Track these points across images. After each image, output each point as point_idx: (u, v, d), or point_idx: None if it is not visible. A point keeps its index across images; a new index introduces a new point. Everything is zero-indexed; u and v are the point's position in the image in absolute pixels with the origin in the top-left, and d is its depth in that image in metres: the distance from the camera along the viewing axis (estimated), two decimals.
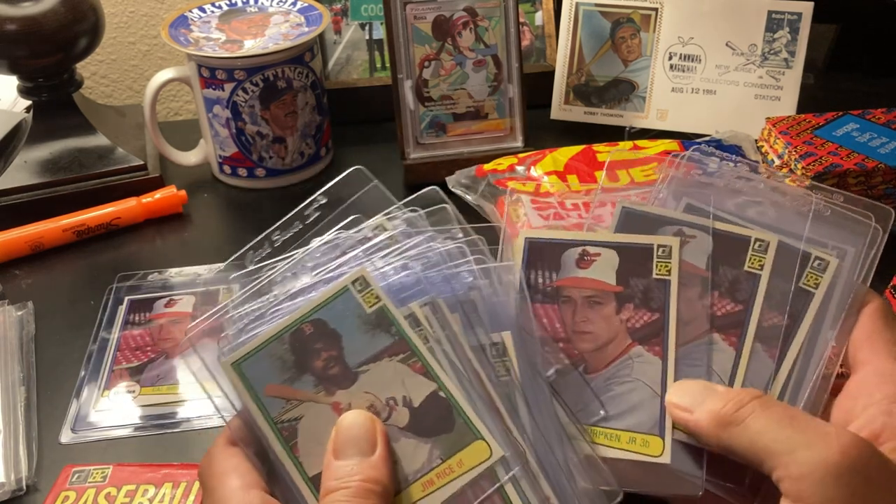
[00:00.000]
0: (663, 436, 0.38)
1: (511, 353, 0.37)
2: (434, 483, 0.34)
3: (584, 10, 0.84)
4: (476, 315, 0.38)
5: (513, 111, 0.79)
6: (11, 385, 0.58)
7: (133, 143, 0.81)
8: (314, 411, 0.36)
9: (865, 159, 0.67)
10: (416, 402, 0.36)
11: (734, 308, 0.40)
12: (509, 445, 0.35)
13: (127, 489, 0.49)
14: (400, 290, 0.37)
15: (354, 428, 0.34)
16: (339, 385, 0.36)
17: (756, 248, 0.41)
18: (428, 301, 0.37)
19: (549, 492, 0.35)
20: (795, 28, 0.80)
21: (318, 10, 0.79)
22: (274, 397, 0.36)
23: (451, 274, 0.38)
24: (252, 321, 0.38)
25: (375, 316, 0.36)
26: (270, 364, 0.36)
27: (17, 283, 0.69)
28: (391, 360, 0.36)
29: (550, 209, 0.61)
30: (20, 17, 0.71)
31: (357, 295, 0.37)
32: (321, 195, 0.43)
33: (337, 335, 0.36)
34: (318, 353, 0.36)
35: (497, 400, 0.36)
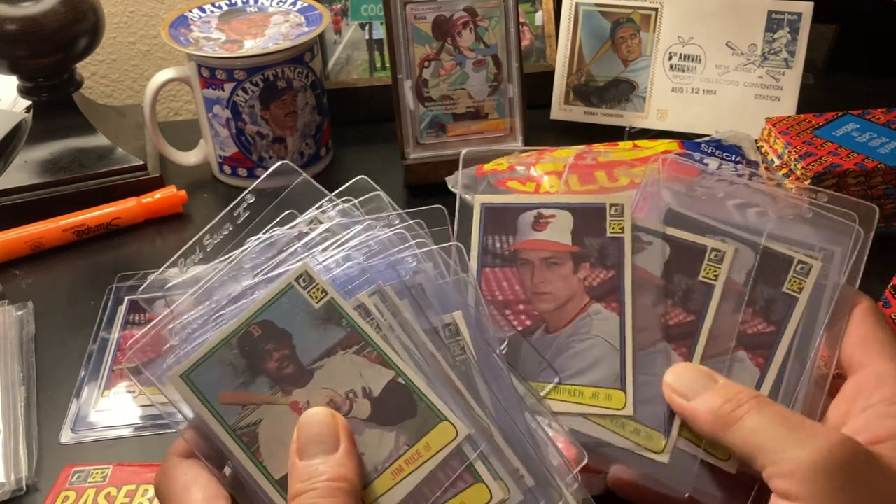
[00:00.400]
0: (625, 389, 0.38)
1: (464, 332, 0.37)
2: (404, 470, 0.34)
3: (584, 10, 0.84)
4: (425, 298, 0.37)
5: (513, 111, 0.79)
6: (11, 385, 0.58)
7: (133, 143, 0.81)
8: (273, 413, 0.35)
9: (865, 159, 0.67)
10: (376, 391, 0.35)
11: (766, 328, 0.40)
12: (474, 423, 0.35)
13: (127, 489, 0.49)
14: (345, 282, 0.37)
15: (315, 426, 0.34)
16: (295, 384, 0.36)
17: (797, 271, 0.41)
18: (375, 289, 0.37)
19: (517, 463, 0.35)
20: (795, 28, 0.80)
21: (318, 10, 0.79)
22: (229, 404, 0.35)
23: (395, 260, 0.38)
24: (196, 329, 0.37)
25: (324, 310, 0.36)
26: (221, 371, 0.35)
27: (17, 283, 0.69)
28: (346, 353, 0.36)
29: None
30: (20, 17, 0.71)
31: (303, 291, 0.36)
32: (249, 194, 0.42)
33: (287, 334, 0.36)
34: (270, 353, 0.36)
35: (456, 380, 0.36)
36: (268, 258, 0.39)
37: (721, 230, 0.42)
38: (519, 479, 0.35)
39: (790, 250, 0.41)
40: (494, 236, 0.43)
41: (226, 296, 0.38)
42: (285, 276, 0.36)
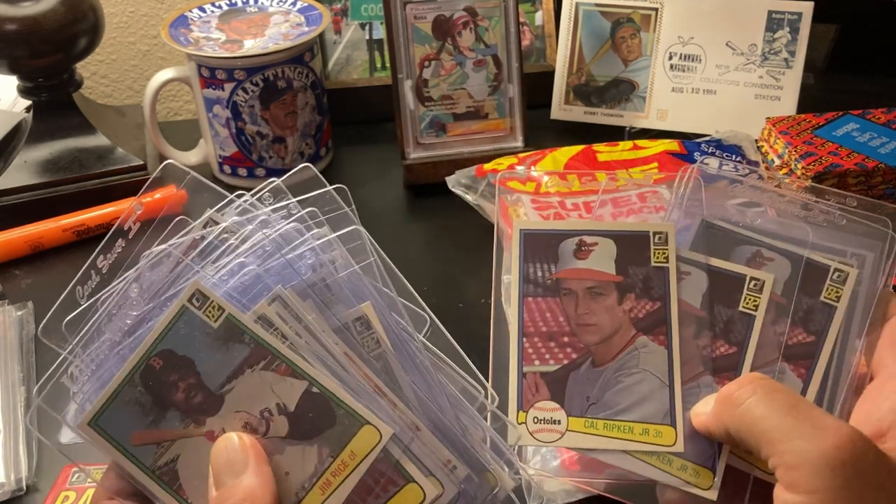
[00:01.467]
0: (675, 425, 0.38)
1: (376, 323, 0.35)
2: (332, 482, 0.33)
3: (584, 9, 0.84)
4: (329, 295, 0.35)
5: (513, 111, 0.79)
6: (11, 385, 0.58)
7: (133, 143, 0.81)
8: (190, 447, 0.33)
9: (865, 159, 0.67)
10: (291, 405, 0.33)
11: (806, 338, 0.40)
12: (397, 420, 0.33)
13: None
14: (243, 293, 0.34)
15: (224, 452, 0.33)
16: (206, 412, 0.34)
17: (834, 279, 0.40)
18: (274, 296, 0.34)
19: (448, 453, 0.34)
20: (795, 28, 0.80)
21: (318, 9, 0.79)
22: (143, 444, 0.33)
23: (292, 258, 0.35)
24: (97, 368, 0.35)
25: (224, 329, 0.33)
26: (129, 411, 0.34)
27: (17, 283, 0.69)
28: (254, 371, 0.33)
29: (550, 209, 0.61)
30: (20, 17, 0.71)
31: (198, 312, 0.33)
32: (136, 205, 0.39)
33: (189, 361, 0.34)
34: (176, 385, 0.34)
35: (374, 377, 0.34)
36: (163, 275, 0.36)
37: (757, 241, 0.41)
38: (452, 470, 0.33)
39: (826, 258, 0.40)
40: (535, 264, 0.42)
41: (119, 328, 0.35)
42: (178, 300, 0.33)
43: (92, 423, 0.34)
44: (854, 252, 0.41)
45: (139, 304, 0.35)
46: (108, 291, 0.36)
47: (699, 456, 0.37)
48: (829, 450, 0.31)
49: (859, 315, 0.39)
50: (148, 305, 0.35)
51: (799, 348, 0.39)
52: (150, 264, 0.36)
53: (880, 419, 0.34)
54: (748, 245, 0.41)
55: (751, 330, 0.39)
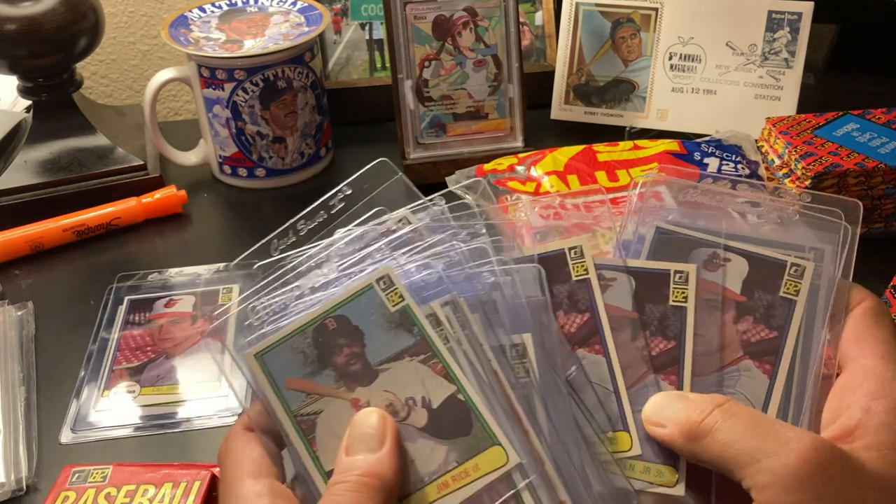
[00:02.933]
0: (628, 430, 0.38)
1: (531, 354, 0.37)
2: (449, 485, 0.34)
3: (584, 9, 0.84)
4: (496, 315, 0.37)
5: (513, 111, 0.79)
6: (11, 385, 0.58)
7: (133, 143, 0.81)
8: (333, 407, 0.36)
9: (865, 159, 0.67)
10: (435, 403, 0.35)
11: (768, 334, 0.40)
12: (526, 451, 0.35)
13: (127, 489, 0.49)
14: (422, 289, 0.37)
15: (365, 425, 0.35)
16: (359, 382, 0.36)
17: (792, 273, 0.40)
18: (449, 300, 0.37)
19: (565, 497, 0.34)
20: (795, 28, 0.80)
21: (318, 10, 0.79)
22: (294, 390, 0.36)
23: (473, 273, 0.38)
24: (275, 312, 0.38)
25: (399, 315, 0.36)
26: (292, 357, 0.36)
27: (17, 283, 0.69)
28: (412, 360, 0.36)
29: (550, 209, 0.61)
30: (20, 17, 0.71)
31: (381, 293, 0.36)
32: (346, 186, 0.43)
33: (360, 332, 0.36)
34: (341, 348, 0.36)
35: (516, 402, 0.36)
36: (353, 251, 0.39)
37: (713, 243, 0.41)
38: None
39: (782, 254, 0.41)
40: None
41: (308, 284, 0.38)
42: (367, 276, 0.37)
43: (258, 356, 0.36)
44: (812, 247, 0.41)
45: (328, 270, 0.38)
46: (304, 250, 0.40)
47: (659, 455, 0.38)
48: (795, 464, 0.31)
49: (821, 308, 0.39)
50: (337, 273, 0.38)
51: (763, 345, 0.39)
52: (346, 239, 0.39)
53: (848, 417, 0.34)
54: (704, 248, 0.42)
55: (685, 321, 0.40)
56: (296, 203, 0.43)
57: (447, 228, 0.39)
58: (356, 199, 0.43)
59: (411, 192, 0.43)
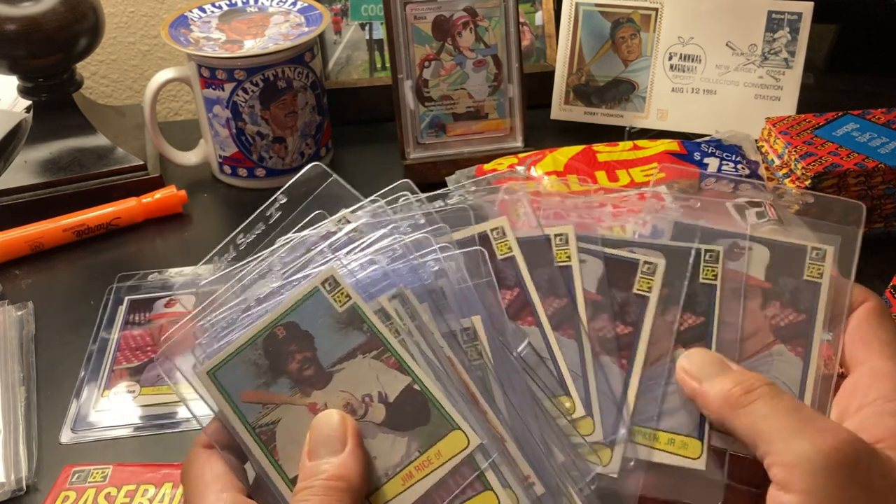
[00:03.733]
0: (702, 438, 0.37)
1: (482, 336, 0.37)
2: (413, 476, 0.35)
3: (584, 10, 0.84)
4: (444, 302, 0.38)
5: (513, 111, 0.79)
6: (11, 385, 0.58)
7: (133, 143, 0.81)
8: (291, 413, 0.36)
9: (865, 159, 0.67)
10: (392, 396, 0.36)
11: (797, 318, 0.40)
12: (486, 432, 0.35)
13: (127, 489, 0.49)
14: (369, 286, 0.37)
15: (325, 427, 0.35)
16: (314, 386, 0.36)
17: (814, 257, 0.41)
18: (396, 293, 0.37)
19: (528, 470, 0.35)
20: (795, 28, 0.80)
21: (318, 10, 0.79)
22: (250, 403, 0.36)
23: (418, 264, 0.38)
24: (224, 328, 0.38)
25: (347, 314, 0.36)
26: (245, 370, 0.36)
27: (17, 283, 0.69)
28: (365, 358, 0.36)
29: (550, 209, 0.61)
30: (20, 17, 0.71)
31: (328, 295, 0.37)
32: (282, 194, 0.43)
33: (310, 336, 0.36)
34: (293, 355, 0.36)
35: (472, 385, 0.36)
36: (295, 258, 0.39)
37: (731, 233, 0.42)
38: (529, 486, 0.35)
39: (802, 240, 0.41)
40: None
41: (254, 296, 0.38)
42: (312, 280, 0.37)
43: (210, 373, 0.36)
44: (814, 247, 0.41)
45: (272, 280, 0.39)
46: (245, 263, 0.40)
47: (685, 427, 0.37)
48: (827, 450, 0.31)
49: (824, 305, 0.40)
50: (281, 281, 0.38)
51: (792, 328, 0.39)
52: (287, 247, 0.40)
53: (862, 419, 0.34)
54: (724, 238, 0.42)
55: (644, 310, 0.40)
56: (296, 203, 0.43)
57: (387, 223, 0.40)
58: (293, 207, 0.43)
59: (349, 193, 0.43)
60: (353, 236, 0.39)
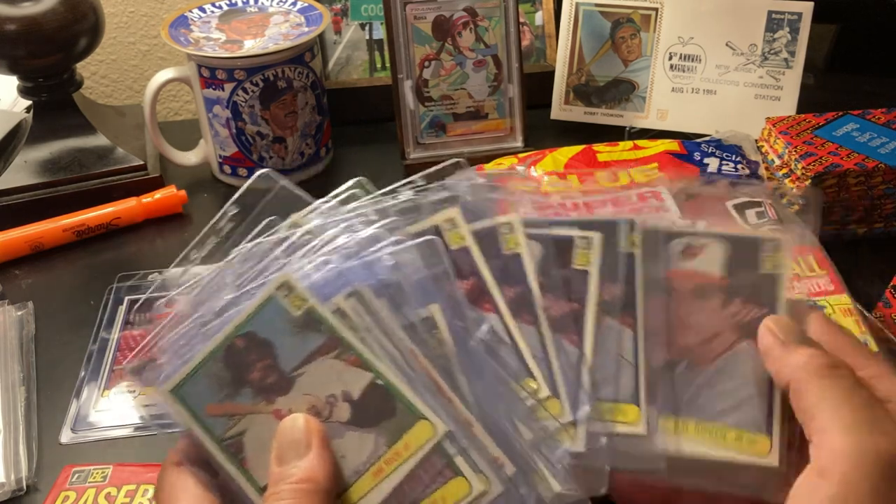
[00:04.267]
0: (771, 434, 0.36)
1: (441, 324, 0.37)
2: (384, 470, 0.35)
3: (584, 10, 0.84)
4: (402, 295, 0.37)
5: (513, 111, 0.79)
6: (11, 385, 0.58)
7: (133, 143, 0.81)
8: (257, 422, 0.36)
9: (865, 159, 0.67)
10: (356, 394, 0.36)
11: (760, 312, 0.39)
12: (452, 418, 0.35)
13: (127, 489, 0.49)
14: (324, 287, 0.37)
15: (290, 432, 0.35)
16: (277, 392, 0.36)
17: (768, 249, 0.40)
18: (352, 291, 0.37)
19: (497, 452, 0.35)
20: (795, 28, 0.80)
21: (318, 10, 0.79)
22: (216, 416, 0.36)
23: (373, 259, 0.38)
24: (183, 345, 0.38)
25: (304, 318, 0.36)
26: (208, 384, 0.36)
27: (17, 283, 0.69)
28: (325, 359, 0.36)
29: (550, 209, 0.61)
30: (20, 17, 0.71)
31: (283, 300, 0.36)
32: (231, 205, 0.43)
33: (269, 343, 0.36)
34: (254, 364, 0.36)
35: (435, 374, 0.36)
36: (250, 267, 0.39)
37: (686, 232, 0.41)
38: (499, 468, 0.35)
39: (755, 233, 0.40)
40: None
41: (211, 310, 0.38)
42: (266, 288, 0.37)
43: (174, 391, 0.36)
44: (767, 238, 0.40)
45: (230, 291, 0.38)
46: (200, 278, 0.40)
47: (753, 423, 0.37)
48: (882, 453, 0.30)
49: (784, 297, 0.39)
50: (237, 292, 0.38)
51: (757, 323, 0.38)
52: (241, 258, 0.40)
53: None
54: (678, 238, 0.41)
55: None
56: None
57: (340, 222, 0.39)
58: (244, 217, 0.43)
59: (299, 197, 0.43)
60: (306, 239, 0.39)
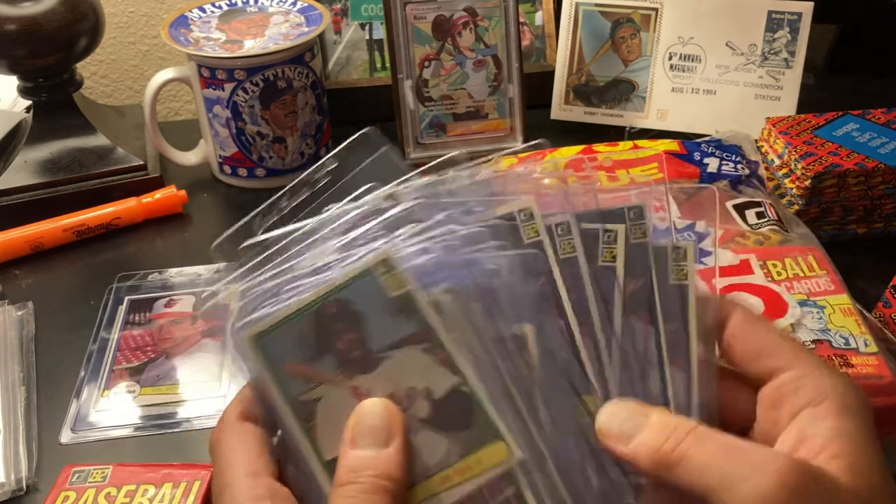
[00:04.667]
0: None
1: (532, 346, 0.35)
2: (451, 479, 0.33)
3: (584, 9, 0.84)
4: (498, 305, 0.35)
5: (513, 111, 0.79)
6: (11, 385, 0.58)
7: (133, 143, 0.81)
8: (333, 394, 0.34)
9: (865, 159, 0.67)
10: (437, 394, 0.34)
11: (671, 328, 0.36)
12: (529, 447, 0.34)
13: (127, 489, 0.49)
14: (423, 275, 0.35)
15: (373, 417, 0.33)
16: (360, 369, 0.34)
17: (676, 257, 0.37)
18: (450, 288, 0.35)
19: (565, 495, 0.34)
20: (795, 28, 0.80)
21: (318, 10, 0.79)
22: (293, 375, 0.34)
23: (473, 259, 0.35)
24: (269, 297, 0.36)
25: (400, 301, 0.34)
26: (292, 341, 0.34)
27: (17, 283, 0.69)
28: (414, 349, 0.34)
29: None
30: (20, 17, 0.71)
31: (381, 278, 0.34)
32: (331, 159, 0.41)
33: (360, 317, 0.34)
34: (341, 334, 0.34)
35: (517, 397, 0.34)
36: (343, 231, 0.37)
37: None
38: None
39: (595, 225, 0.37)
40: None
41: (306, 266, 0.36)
42: (365, 261, 0.35)
43: (255, 340, 0.34)
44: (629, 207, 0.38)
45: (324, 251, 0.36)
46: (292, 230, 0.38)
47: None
48: (771, 487, 0.30)
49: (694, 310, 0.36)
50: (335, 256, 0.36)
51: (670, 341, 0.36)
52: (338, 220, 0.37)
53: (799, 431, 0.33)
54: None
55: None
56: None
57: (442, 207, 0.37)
58: (342, 174, 0.40)
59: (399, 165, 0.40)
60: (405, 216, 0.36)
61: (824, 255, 0.59)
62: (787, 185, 0.69)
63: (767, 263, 0.57)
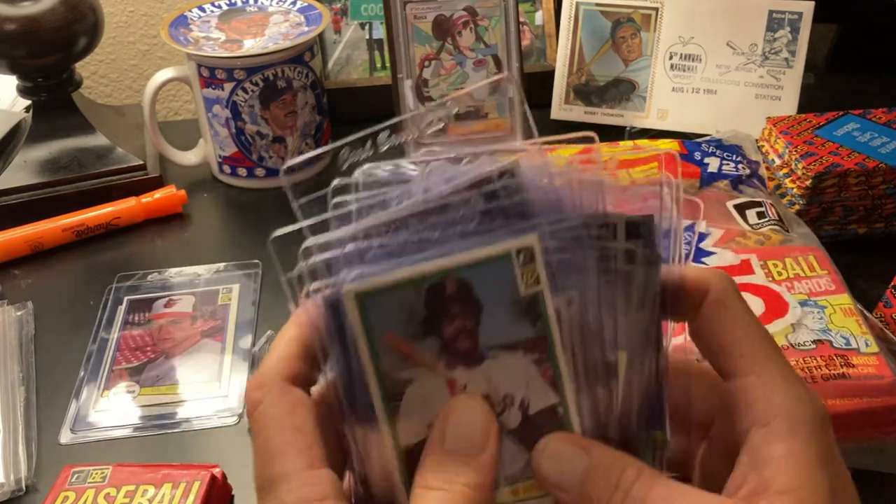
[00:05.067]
0: None
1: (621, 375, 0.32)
2: (519, 494, 0.31)
3: (584, 9, 0.84)
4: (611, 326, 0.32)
5: (513, 111, 0.79)
6: (11, 385, 0.58)
7: (133, 143, 0.81)
8: (427, 380, 0.30)
9: (866, 159, 0.67)
10: (532, 409, 0.31)
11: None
12: None
13: (127, 489, 0.49)
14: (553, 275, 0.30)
15: (469, 417, 0.30)
16: (462, 362, 0.30)
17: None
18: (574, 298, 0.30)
19: None
20: (796, 28, 0.80)
21: (318, 9, 0.79)
22: (391, 349, 0.30)
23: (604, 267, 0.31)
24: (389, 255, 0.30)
25: (527, 300, 0.30)
26: (399, 310, 0.30)
27: (17, 283, 0.69)
28: (523, 355, 0.30)
29: None
30: (20, 17, 0.71)
31: (518, 267, 0.30)
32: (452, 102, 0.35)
33: (479, 306, 0.30)
34: (453, 319, 0.30)
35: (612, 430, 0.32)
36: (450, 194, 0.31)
37: None
38: None
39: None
40: None
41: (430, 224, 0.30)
42: (505, 244, 0.29)
43: (359, 297, 0.30)
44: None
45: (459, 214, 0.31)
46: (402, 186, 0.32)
47: None
48: None
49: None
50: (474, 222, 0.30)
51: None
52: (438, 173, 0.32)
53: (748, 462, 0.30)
54: None
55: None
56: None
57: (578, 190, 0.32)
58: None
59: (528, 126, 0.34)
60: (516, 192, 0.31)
61: (825, 254, 0.59)
62: (788, 185, 0.69)
63: (768, 263, 0.57)
